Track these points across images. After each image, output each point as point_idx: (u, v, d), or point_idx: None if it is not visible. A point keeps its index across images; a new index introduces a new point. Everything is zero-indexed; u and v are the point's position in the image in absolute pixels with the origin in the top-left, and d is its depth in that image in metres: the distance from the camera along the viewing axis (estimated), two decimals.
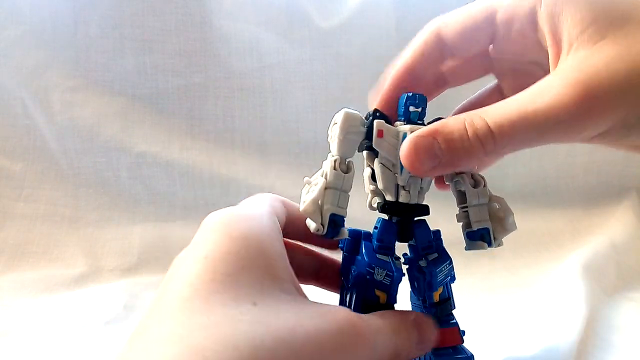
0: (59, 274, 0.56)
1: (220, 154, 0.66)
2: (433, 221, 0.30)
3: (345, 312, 0.24)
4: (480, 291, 0.49)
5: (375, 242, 0.29)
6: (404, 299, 0.30)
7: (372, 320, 0.25)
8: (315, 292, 0.30)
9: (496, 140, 0.24)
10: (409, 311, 0.28)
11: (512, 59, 0.30)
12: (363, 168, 0.30)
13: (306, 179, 0.29)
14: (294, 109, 0.68)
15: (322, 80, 0.69)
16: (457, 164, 0.25)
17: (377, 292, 0.28)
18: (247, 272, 0.23)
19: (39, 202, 0.62)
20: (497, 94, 0.32)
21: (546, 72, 0.25)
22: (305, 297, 0.25)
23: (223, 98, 0.67)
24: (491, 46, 0.30)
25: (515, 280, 0.53)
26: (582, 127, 0.23)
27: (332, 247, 0.32)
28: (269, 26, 0.68)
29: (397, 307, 0.29)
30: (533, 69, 0.29)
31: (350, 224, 0.29)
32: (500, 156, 0.26)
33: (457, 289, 0.45)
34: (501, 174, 0.71)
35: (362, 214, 0.31)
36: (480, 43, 0.29)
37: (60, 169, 0.64)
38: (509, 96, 0.25)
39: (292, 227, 0.29)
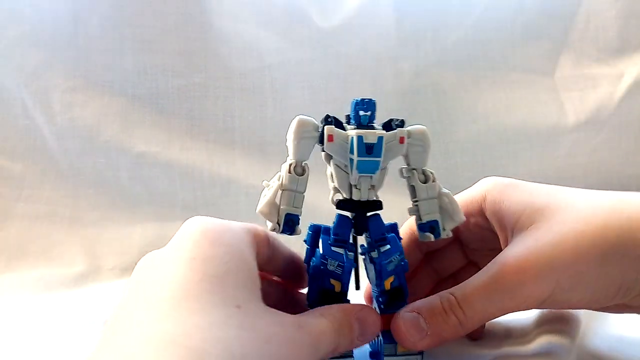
0: (59, 274, 0.56)
1: (220, 154, 0.66)
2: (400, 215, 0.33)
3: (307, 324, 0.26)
4: None
5: (331, 236, 0.31)
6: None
7: (315, 324, 0.26)
8: None
9: (465, 312, 0.29)
10: (354, 305, 0.30)
11: (478, 247, 0.37)
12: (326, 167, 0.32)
13: (265, 182, 0.31)
14: (294, 109, 0.68)
15: (322, 80, 0.69)
16: (441, 335, 0.30)
17: (332, 281, 0.31)
18: (232, 276, 0.24)
19: (39, 202, 0.62)
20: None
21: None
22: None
23: (223, 98, 0.67)
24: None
25: None
26: (522, 295, 0.29)
27: (300, 286, 0.35)
28: (269, 26, 0.68)
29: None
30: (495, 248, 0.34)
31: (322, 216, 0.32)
32: (474, 325, 0.30)
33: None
34: (501, 174, 0.71)
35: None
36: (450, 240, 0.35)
37: (60, 169, 0.64)
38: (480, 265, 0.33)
39: (273, 262, 0.32)
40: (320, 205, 0.37)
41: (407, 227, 0.37)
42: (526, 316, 0.40)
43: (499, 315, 0.30)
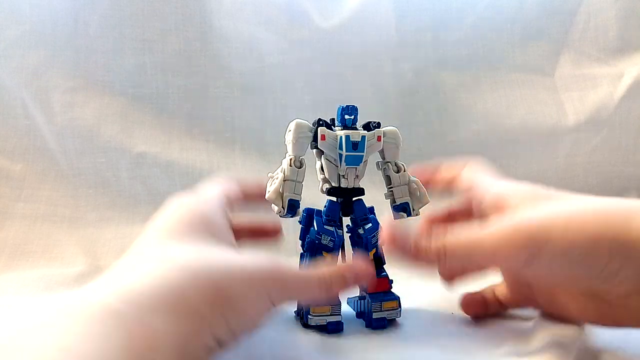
0: (59, 273, 0.56)
1: (220, 154, 0.66)
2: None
3: (274, 260, 0.30)
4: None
5: (324, 217, 0.39)
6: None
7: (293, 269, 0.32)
8: None
9: (447, 254, 0.32)
10: (331, 264, 0.36)
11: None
12: (315, 162, 0.40)
13: (269, 174, 0.38)
14: (294, 109, 0.68)
15: (322, 80, 0.69)
16: (419, 259, 0.33)
17: (324, 254, 0.39)
18: (195, 231, 0.31)
19: (39, 202, 0.62)
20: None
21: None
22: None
23: (223, 98, 0.67)
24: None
25: None
26: (499, 260, 0.32)
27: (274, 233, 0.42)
28: (269, 26, 0.68)
29: None
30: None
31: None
32: (450, 268, 0.36)
33: (459, 287, 0.45)
34: (501, 174, 0.71)
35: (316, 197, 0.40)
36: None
37: (60, 169, 0.64)
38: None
39: (248, 193, 0.40)
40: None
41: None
42: (527, 316, 0.40)
43: (477, 267, 0.34)
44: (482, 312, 0.41)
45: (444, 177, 0.42)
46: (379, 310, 0.39)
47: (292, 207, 0.37)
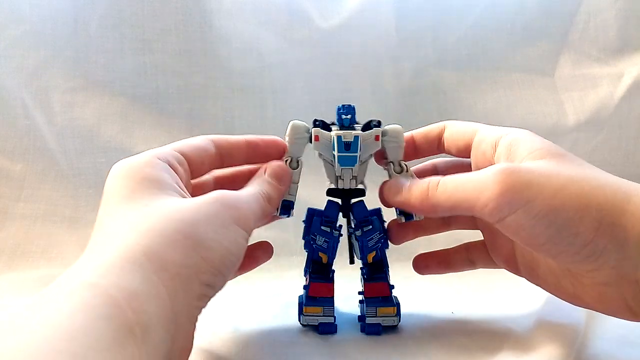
0: (59, 274, 0.55)
1: None
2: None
3: (220, 191, 0.30)
4: (480, 290, 0.49)
5: (322, 218, 0.38)
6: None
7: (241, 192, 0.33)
8: None
9: (434, 193, 0.32)
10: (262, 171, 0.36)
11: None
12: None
13: None
14: (294, 109, 0.68)
15: (322, 80, 0.69)
16: (409, 199, 0.34)
17: (320, 254, 0.39)
18: (143, 189, 0.30)
19: (39, 202, 0.62)
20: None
21: None
22: None
23: (223, 98, 0.67)
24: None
25: (517, 280, 0.53)
26: (499, 197, 0.29)
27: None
28: (269, 26, 0.68)
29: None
30: None
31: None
32: (442, 210, 0.33)
33: (459, 287, 0.45)
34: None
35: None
36: (461, 148, 0.38)
37: (60, 169, 0.64)
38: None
39: (230, 152, 0.38)
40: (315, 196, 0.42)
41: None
42: (527, 317, 0.40)
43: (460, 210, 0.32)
44: (442, 270, 0.41)
45: (422, 141, 0.40)
46: (374, 316, 0.38)
47: (286, 208, 0.37)
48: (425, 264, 0.42)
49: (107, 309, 0.21)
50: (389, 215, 0.40)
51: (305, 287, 0.39)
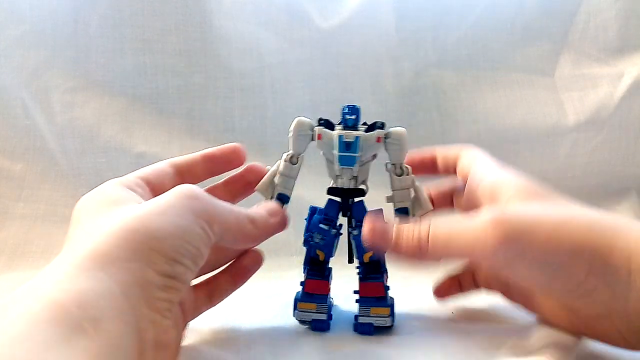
0: None
1: None
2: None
3: (181, 185, 0.30)
4: (480, 290, 0.49)
5: (322, 215, 0.39)
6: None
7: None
8: None
9: (428, 245, 0.32)
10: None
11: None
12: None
13: (267, 167, 0.39)
14: (294, 109, 0.68)
15: (322, 80, 0.69)
16: (400, 249, 0.33)
17: (317, 251, 0.39)
18: (101, 208, 0.29)
19: (39, 202, 0.62)
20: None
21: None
22: None
23: (223, 98, 0.67)
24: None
25: None
26: (477, 255, 0.31)
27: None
28: (269, 26, 0.68)
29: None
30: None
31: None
32: (435, 260, 0.33)
33: None
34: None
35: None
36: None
37: (60, 169, 0.64)
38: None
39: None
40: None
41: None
42: (527, 317, 0.40)
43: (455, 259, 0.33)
44: (456, 292, 0.43)
45: (441, 161, 0.41)
46: (366, 316, 0.38)
47: (279, 200, 0.38)
48: (446, 292, 0.43)
49: (49, 312, 0.22)
50: (388, 215, 0.40)
51: (301, 283, 0.40)
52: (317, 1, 0.70)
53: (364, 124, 0.38)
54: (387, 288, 0.39)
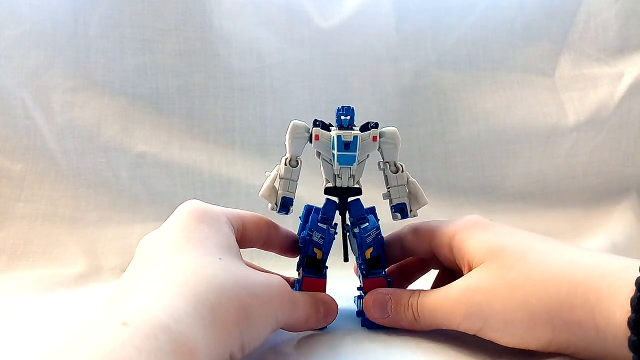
0: (59, 274, 0.56)
1: (220, 154, 0.67)
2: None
3: (281, 280, 0.33)
4: None
5: (320, 215, 0.39)
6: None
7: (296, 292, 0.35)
8: None
9: (419, 315, 0.36)
10: (318, 293, 0.38)
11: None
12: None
13: (267, 172, 0.39)
14: (294, 109, 0.68)
15: (322, 80, 0.69)
16: (399, 322, 0.37)
17: (315, 250, 0.39)
18: (212, 240, 0.32)
19: (39, 202, 0.62)
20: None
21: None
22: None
23: (223, 98, 0.67)
24: None
25: None
26: (456, 324, 0.34)
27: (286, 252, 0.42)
28: (269, 26, 0.68)
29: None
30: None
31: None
32: (425, 327, 0.36)
33: None
34: (501, 174, 0.71)
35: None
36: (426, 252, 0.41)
37: (60, 169, 0.64)
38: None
39: (272, 240, 0.40)
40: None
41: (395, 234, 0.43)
42: None
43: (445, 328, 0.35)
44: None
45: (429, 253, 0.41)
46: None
47: (285, 205, 0.38)
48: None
49: (175, 356, 0.23)
50: (384, 213, 0.41)
51: (298, 282, 0.40)
52: (317, 1, 0.70)
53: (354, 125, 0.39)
54: (389, 282, 0.40)
